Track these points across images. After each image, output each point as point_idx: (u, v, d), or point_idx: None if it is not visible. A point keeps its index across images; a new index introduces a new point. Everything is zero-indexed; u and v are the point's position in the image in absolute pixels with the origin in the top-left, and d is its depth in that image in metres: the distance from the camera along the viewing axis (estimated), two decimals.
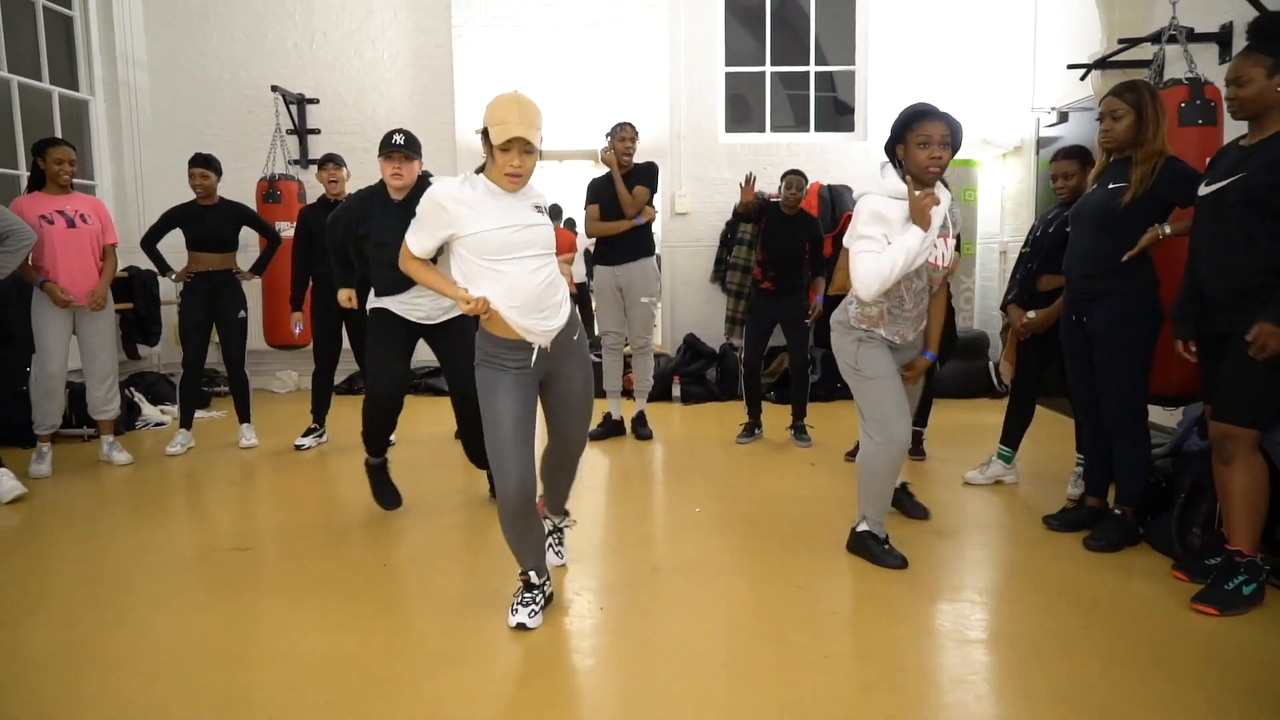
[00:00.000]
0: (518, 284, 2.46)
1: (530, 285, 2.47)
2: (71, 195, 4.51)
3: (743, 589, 2.94)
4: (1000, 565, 3.19)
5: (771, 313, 5.06)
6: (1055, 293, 3.82)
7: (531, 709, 2.18)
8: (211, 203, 4.90)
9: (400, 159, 3.50)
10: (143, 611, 2.78)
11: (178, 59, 7.13)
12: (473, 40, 6.96)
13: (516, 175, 2.45)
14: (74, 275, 4.44)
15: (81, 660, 2.43)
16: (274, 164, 6.72)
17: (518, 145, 2.40)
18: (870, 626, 2.64)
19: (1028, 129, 6.34)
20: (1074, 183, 3.82)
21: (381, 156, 3.52)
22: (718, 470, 4.55)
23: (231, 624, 2.67)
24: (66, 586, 3.00)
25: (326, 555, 3.28)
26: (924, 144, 2.79)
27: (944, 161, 2.80)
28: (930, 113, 2.81)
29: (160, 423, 5.78)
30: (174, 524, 3.71)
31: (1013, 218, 6.63)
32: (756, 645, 2.51)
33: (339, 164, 4.92)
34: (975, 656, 2.42)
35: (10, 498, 3.94)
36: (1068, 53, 5.69)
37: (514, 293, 2.46)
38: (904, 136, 2.86)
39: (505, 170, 2.44)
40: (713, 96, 7.27)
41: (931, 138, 2.78)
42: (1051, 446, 4.75)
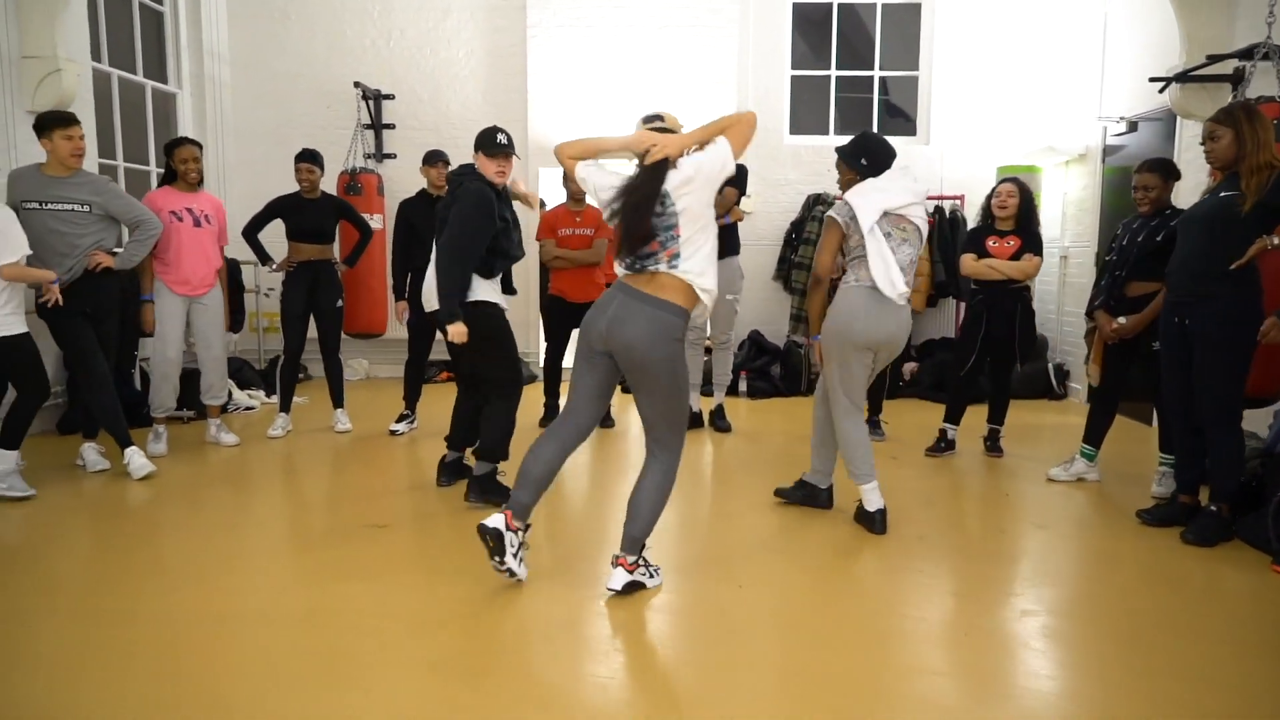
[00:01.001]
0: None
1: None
2: (199, 194, 4.74)
3: (872, 572, 3.11)
4: (1101, 555, 3.34)
5: None
6: (1143, 299, 3.98)
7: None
8: (314, 196, 5.11)
9: (502, 159, 3.64)
10: (303, 581, 2.98)
11: (259, 54, 7.34)
12: (547, 40, 7.14)
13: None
14: (195, 270, 4.68)
15: (228, 625, 2.64)
16: (354, 158, 6.94)
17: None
18: (993, 606, 2.81)
19: (1093, 137, 6.46)
20: (1154, 195, 3.98)
21: (486, 154, 3.62)
22: (802, 463, 4.71)
23: (372, 595, 2.87)
24: (215, 557, 3.21)
25: (456, 529, 3.47)
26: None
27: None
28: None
29: (250, 407, 6.00)
30: (302, 500, 3.91)
31: (1074, 224, 6.76)
32: (893, 620, 2.69)
33: (447, 162, 5.09)
34: (1088, 633, 2.58)
35: (142, 474, 4.15)
36: (1140, 63, 5.81)
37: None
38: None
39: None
40: (778, 99, 7.43)
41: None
42: (1126, 447, 4.89)
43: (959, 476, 4.46)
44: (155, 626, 2.58)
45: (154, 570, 3.05)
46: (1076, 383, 6.70)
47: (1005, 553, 3.32)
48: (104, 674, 2.30)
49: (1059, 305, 6.84)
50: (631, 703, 2.21)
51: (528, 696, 2.22)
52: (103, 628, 2.57)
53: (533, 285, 7.28)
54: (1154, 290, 3.94)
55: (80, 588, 2.91)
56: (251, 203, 6.71)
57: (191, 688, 2.23)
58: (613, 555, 2.86)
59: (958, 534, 3.53)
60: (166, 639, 2.50)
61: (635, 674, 2.39)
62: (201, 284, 4.70)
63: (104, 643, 2.48)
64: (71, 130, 4.05)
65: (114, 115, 6.18)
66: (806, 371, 6.89)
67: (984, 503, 4.00)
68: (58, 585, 2.92)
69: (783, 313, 7.24)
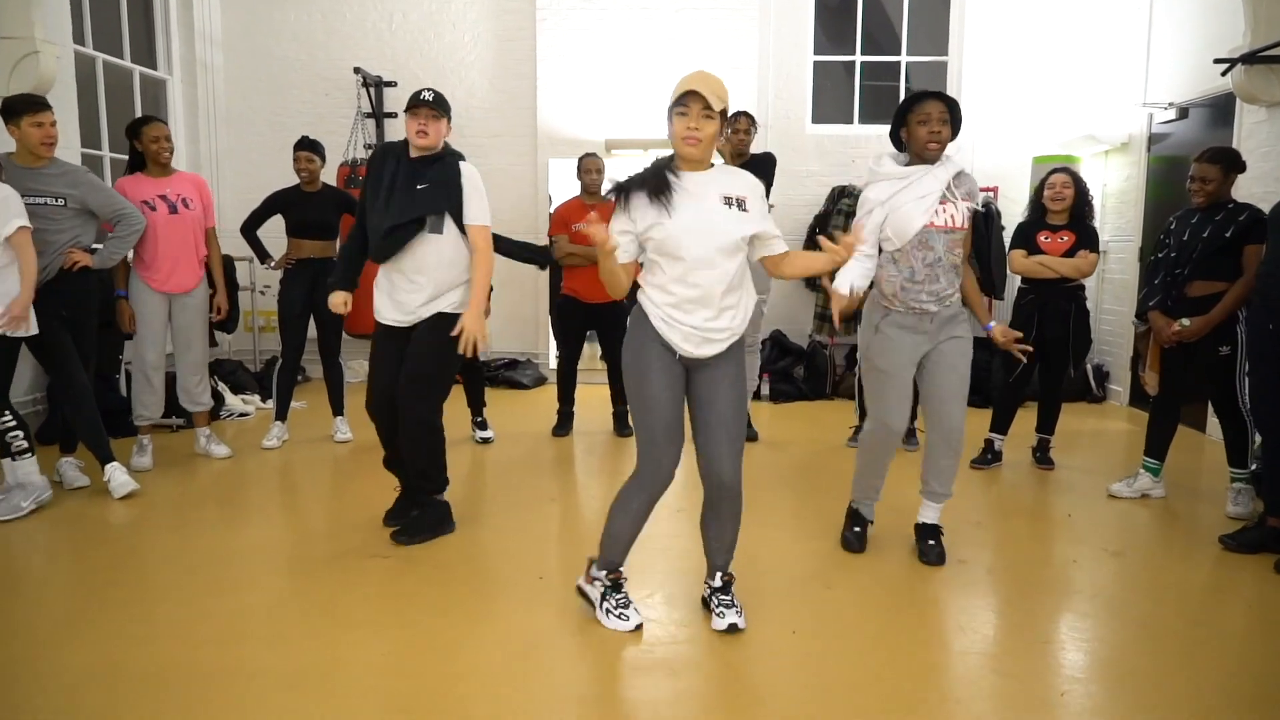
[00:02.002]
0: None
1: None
2: (173, 176, 4.36)
3: (938, 580, 2.77)
4: (1188, 588, 3.00)
5: None
6: (1208, 300, 3.65)
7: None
8: (315, 188, 4.76)
9: (427, 115, 3.20)
10: (311, 630, 2.64)
11: (254, 38, 6.97)
12: (557, 24, 6.76)
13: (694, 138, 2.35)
14: (175, 265, 4.30)
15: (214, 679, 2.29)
16: (354, 148, 6.58)
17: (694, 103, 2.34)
18: (1089, 657, 2.47)
19: (1137, 124, 6.10)
20: (1211, 188, 3.66)
21: (407, 113, 3.22)
22: (838, 473, 4.37)
23: (406, 641, 2.53)
24: (202, 596, 2.86)
25: (474, 564, 3.13)
26: (923, 122, 2.88)
27: (943, 137, 2.89)
28: (928, 93, 2.93)
29: (244, 413, 5.66)
30: (299, 524, 3.56)
31: (1115, 216, 6.40)
32: (963, 634, 2.35)
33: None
34: (1196, 685, 2.24)
35: (123, 493, 3.81)
36: (1191, 44, 5.45)
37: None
38: (905, 119, 2.95)
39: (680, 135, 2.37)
40: (800, 86, 7.06)
41: (930, 115, 2.87)
42: (1182, 457, 4.54)
43: (1012, 492, 4.12)
44: (133, 687, 2.24)
45: (133, 614, 2.70)
46: (1116, 384, 6.36)
47: (1081, 587, 2.97)
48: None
49: (1097, 303, 6.48)
50: None
51: None
52: (76, 689, 2.23)
53: (542, 283, 6.93)
54: (1220, 290, 3.62)
55: (48, 636, 2.56)
56: (245, 195, 6.39)
57: None
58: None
59: (1025, 564, 3.18)
60: (146, 704, 2.16)
61: None
62: (184, 279, 4.33)
63: (75, 709, 2.14)
64: (42, 116, 3.69)
65: (99, 102, 5.82)
66: (831, 373, 6.54)
67: (1046, 523, 3.66)
68: (21, 632, 2.58)
69: (806, 312, 6.88)
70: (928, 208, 2.91)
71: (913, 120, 2.91)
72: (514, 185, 6.99)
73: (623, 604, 2.59)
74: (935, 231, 2.93)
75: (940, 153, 2.93)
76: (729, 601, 2.59)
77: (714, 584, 2.63)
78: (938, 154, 2.92)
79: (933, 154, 2.91)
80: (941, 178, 2.93)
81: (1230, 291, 3.58)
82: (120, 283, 4.24)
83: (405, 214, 3.17)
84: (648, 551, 3.28)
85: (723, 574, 2.62)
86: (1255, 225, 3.52)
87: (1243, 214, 3.58)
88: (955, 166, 2.97)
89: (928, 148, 2.88)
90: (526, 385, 6.70)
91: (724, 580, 2.62)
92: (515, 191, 6.99)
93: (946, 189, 2.94)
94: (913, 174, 2.94)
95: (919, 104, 2.89)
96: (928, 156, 2.91)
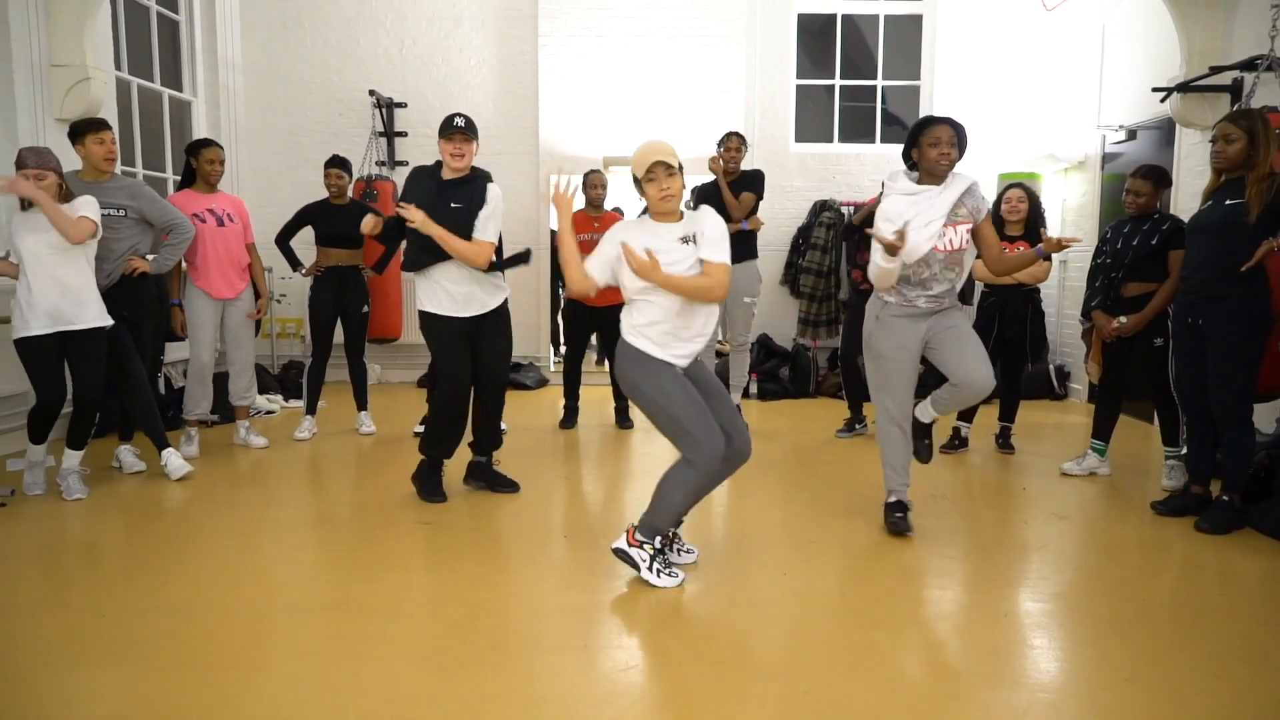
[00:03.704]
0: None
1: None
2: (218, 194, 4.81)
3: (923, 561, 3.24)
4: (1120, 543, 3.48)
5: None
6: (1141, 299, 4.17)
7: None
8: (343, 202, 5.21)
9: (460, 140, 3.68)
10: (384, 576, 3.08)
11: (273, 63, 7.43)
12: (558, 50, 7.27)
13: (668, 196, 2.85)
14: (224, 272, 4.75)
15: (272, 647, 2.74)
16: (368, 165, 7.03)
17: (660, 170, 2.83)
18: (1023, 590, 2.94)
19: (1092, 145, 6.66)
20: (1143, 200, 4.20)
21: (442, 138, 3.69)
22: (830, 462, 4.85)
23: (445, 584, 2.97)
24: (257, 556, 3.30)
25: (507, 519, 3.58)
26: (934, 144, 3.24)
27: (952, 158, 3.25)
28: (938, 118, 3.30)
29: (270, 411, 6.07)
30: (341, 498, 3.99)
31: (1074, 229, 6.94)
32: (930, 576, 2.82)
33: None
34: (1113, 613, 2.72)
35: (180, 475, 4.23)
36: (1138, 73, 6.00)
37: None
38: (917, 140, 3.30)
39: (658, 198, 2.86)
40: (784, 107, 7.59)
41: (940, 138, 3.23)
42: (1131, 444, 5.08)
43: (975, 472, 4.61)
44: (210, 618, 2.67)
45: (205, 561, 3.13)
46: (1077, 383, 6.88)
47: (1031, 542, 3.45)
48: (163, 662, 2.39)
49: (1059, 308, 7.02)
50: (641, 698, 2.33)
51: (541, 689, 2.33)
52: (163, 619, 2.66)
53: (544, 289, 7.42)
54: (1150, 290, 4.13)
55: (131, 583, 2.99)
56: (264, 209, 6.84)
57: (237, 676, 2.33)
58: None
59: (984, 526, 3.66)
60: (218, 630, 2.60)
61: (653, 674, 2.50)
62: (232, 284, 4.78)
63: (164, 633, 2.57)
64: (104, 134, 4.14)
65: (134, 122, 6.25)
66: (814, 374, 7.03)
67: (1004, 496, 4.14)
68: (112, 579, 3.00)
69: (790, 317, 7.38)
70: (932, 235, 3.23)
71: (924, 142, 3.25)
72: (517, 199, 7.44)
73: (667, 565, 2.99)
74: (934, 252, 3.28)
75: (949, 171, 3.27)
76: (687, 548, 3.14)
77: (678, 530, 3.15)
78: (947, 172, 3.26)
79: (942, 171, 3.24)
80: (948, 200, 3.25)
81: (1160, 290, 4.10)
82: (175, 292, 4.67)
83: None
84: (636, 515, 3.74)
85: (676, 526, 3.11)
86: (1177, 233, 4.04)
87: (1166, 224, 4.11)
88: (965, 182, 3.29)
89: (938, 165, 3.23)
90: (530, 386, 7.15)
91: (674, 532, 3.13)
92: (518, 205, 7.45)
93: (952, 211, 3.26)
94: (923, 192, 3.28)
95: (930, 128, 3.25)
96: (937, 174, 3.26)
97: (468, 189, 3.73)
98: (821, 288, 7.11)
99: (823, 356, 7.23)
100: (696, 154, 7.07)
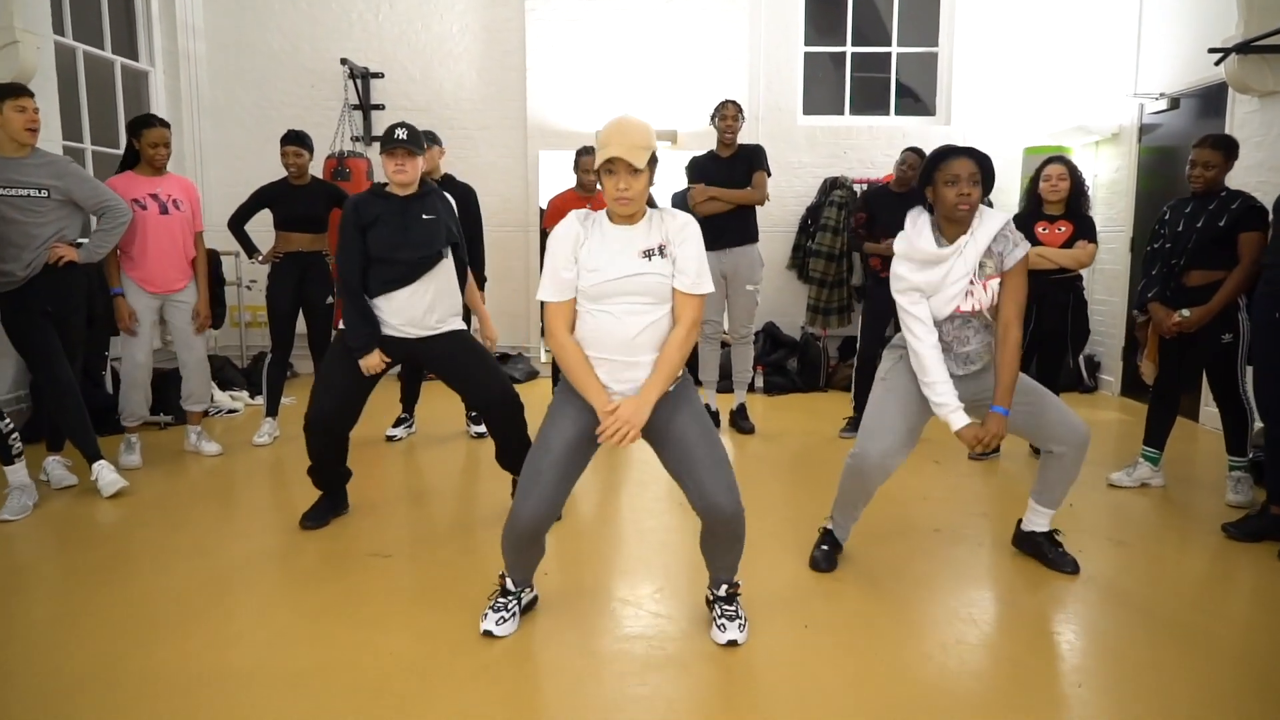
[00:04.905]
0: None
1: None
2: (165, 177, 4.26)
3: (951, 592, 2.75)
4: (1192, 577, 3.00)
5: (893, 301, 4.83)
6: (1206, 289, 3.65)
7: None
8: (303, 182, 4.67)
9: (403, 154, 3.20)
10: (287, 626, 2.58)
11: (238, 29, 6.86)
12: (547, 13, 6.69)
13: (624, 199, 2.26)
14: (164, 265, 4.21)
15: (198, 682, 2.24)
16: (341, 140, 6.49)
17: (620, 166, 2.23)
18: (1098, 643, 2.45)
19: (1128, 115, 6.11)
20: (1213, 174, 3.67)
21: (383, 152, 3.22)
22: (835, 463, 4.35)
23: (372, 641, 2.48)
24: (196, 595, 2.80)
25: (474, 561, 3.08)
26: (951, 182, 2.64)
27: (973, 199, 2.64)
28: (957, 150, 2.69)
29: (233, 409, 5.57)
30: (292, 521, 3.49)
31: (1105, 207, 6.41)
32: (974, 625, 2.33)
33: (434, 140, 4.66)
34: (1205, 671, 2.23)
35: (112, 491, 3.73)
36: (1185, 34, 5.46)
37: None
38: (932, 178, 2.70)
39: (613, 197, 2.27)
40: (791, 76, 7.02)
41: (959, 175, 2.63)
42: (1178, 446, 4.55)
43: (1011, 483, 4.11)
44: (127, 690, 2.18)
45: (125, 615, 2.64)
46: (1108, 374, 6.38)
47: (1096, 577, 2.95)
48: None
49: (1089, 294, 6.48)
50: None
51: None
52: (69, 693, 2.17)
53: (533, 279, 6.86)
54: (1218, 279, 3.62)
55: (40, 638, 2.49)
56: (229, 189, 6.30)
57: None
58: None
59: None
60: (140, 708, 2.10)
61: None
62: (174, 279, 4.25)
63: (68, 713, 2.08)
64: (24, 101, 3.60)
65: (79, 94, 5.70)
66: (825, 365, 6.52)
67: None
68: (12, 635, 2.51)
69: (798, 303, 6.86)
70: (953, 296, 2.71)
71: (939, 180, 2.66)
72: (503, 178, 6.92)
73: (509, 609, 2.52)
74: (956, 314, 2.76)
75: (970, 215, 2.67)
76: (732, 613, 2.45)
77: (718, 593, 2.49)
78: (968, 217, 2.67)
79: (962, 216, 2.66)
80: (973, 257, 2.68)
81: (1229, 280, 3.59)
82: (114, 280, 4.15)
83: (426, 247, 3.23)
84: (648, 545, 3.25)
85: (728, 585, 2.49)
86: (1249, 212, 3.53)
87: (1235, 201, 3.59)
88: (995, 224, 2.69)
89: (957, 210, 2.63)
90: (518, 379, 6.64)
91: (729, 590, 2.48)
92: (505, 183, 6.93)
93: (979, 266, 2.70)
94: (949, 257, 2.69)
95: (945, 162, 2.66)
96: (957, 219, 2.67)
97: (431, 199, 3.32)
98: (832, 272, 6.58)
99: (833, 346, 6.72)
100: (695, 128, 6.55)
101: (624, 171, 2.23)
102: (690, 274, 2.30)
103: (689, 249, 2.31)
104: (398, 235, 3.21)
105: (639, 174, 2.25)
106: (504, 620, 2.49)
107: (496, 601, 2.53)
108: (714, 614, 2.49)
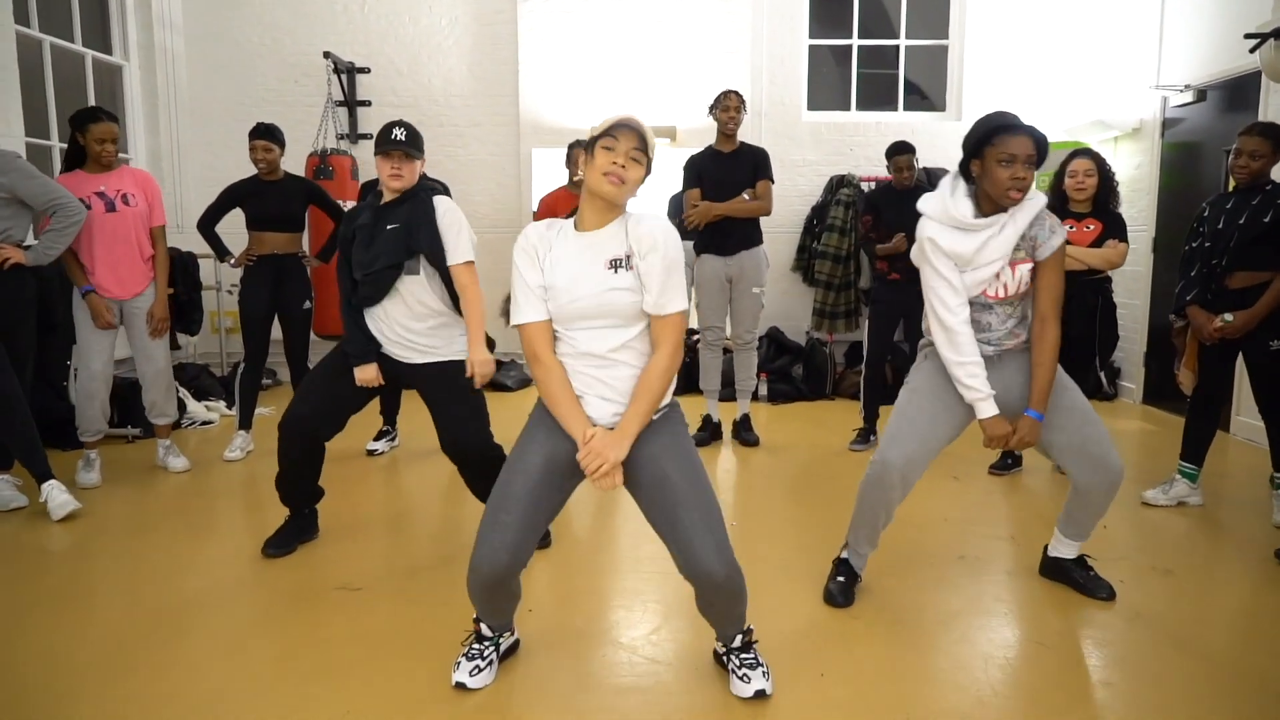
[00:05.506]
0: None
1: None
2: (115, 172, 3.95)
3: (989, 630, 2.45)
4: (1253, 614, 2.70)
5: (901, 305, 4.57)
6: (1251, 291, 3.36)
7: None
8: (276, 178, 4.38)
9: (400, 157, 2.90)
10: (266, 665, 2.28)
11: (217, 22, 6.57)
12: (540, 5, 6.40)
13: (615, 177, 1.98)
14: (116, 268, 3.90)
15: None
16: (325, 138, 6.21)
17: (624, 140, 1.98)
18: (1163, 696, 2.15)
19: (1150, 109, 5.82)
20: (1260, 165, 3.38)
21: (378, 154, 2.93)
22: (845, 478, 4.06)
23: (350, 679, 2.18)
24: (150, 637, 2.50)
25: (444, 589, 2.79)
26: (1006, 162, 2.34)
27: (1027, 183, 2.36)
28: (1016, 126, 2.38)
29: (208, 421, 5.27)
30: (249, 550, 3.19)
31: (1126, 206, 6.04)
32: (1006, 668, 2.03)
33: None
34: None
35: (63, 514, 3.43)
36: (1212, 22, 5.16)
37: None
38: (982, 151, 2.40)
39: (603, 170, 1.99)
40: (795, 71, 6.73)
41: (1016, 156, 2.33)
42: (1214, 460, 4.24)
43: (1035, 500, 3.82)
44: None
45: (47, 665, 2.34)
46: (1129, 381, 6.08)
47: (1142, 611, 2.65)
48: None
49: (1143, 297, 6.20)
50: None
51: None
52: None
53: None
54: (1264, 280, 3.34)
55: None
56: (209, 188, 5.96)
57: None
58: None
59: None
60: None
61: None
62: (130, 282, 3.94)
63: None
64: None
65: (46, 89, 5.41)
66: (831, 372, 6.22)
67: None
68: None
69: (803, 307, 6.57)
70: (983, 279, 2.46)
71: (992, 156, 2.36)
72: (495, 176, 6.64)
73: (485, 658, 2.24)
74: (982, 296, 2.52)
75: (1019, 202, 2.40)
76: (752, 661, 2.15)
77: (731, 645, 2.18)
78: (1016, 204, 2.40)
79: (1012, 202, 2.38)
80: (1010, 237, 2.42)
81: (1276, 281, 3.30)
82: (80, 279, 3.85)
83: (379, 261, 2.89)
84: (645, 576, 2.95)
85: (741, 635, 2.18)
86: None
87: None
88: (1033, 207, 2.43)
89: (1008, 196, 2.35)
90: (510, 387, 6.35)
91: (744, 640, 2.18)
92: (496, 182, 6.64)
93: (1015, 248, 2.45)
94: (984, 230, 2.42)
95: (1001, 137, 2.34)
96: (1005, 203, 2.39)
97: (406, 206, 2.95)
98: (839, 275, 6.29)
99: (840, 351, 6.42)
100: (696, 124, 6.25)
101: (626, 146, 1.97)
102: (653, 291, 2.00)
103: (652, 261, 1.99)
104: (363, 249, 2.93)
105: (638, 164, 2.00)
106: (479, 670, 2.19)
107: (471, 648, 2.24)
108: (731, 666, 2.18)
